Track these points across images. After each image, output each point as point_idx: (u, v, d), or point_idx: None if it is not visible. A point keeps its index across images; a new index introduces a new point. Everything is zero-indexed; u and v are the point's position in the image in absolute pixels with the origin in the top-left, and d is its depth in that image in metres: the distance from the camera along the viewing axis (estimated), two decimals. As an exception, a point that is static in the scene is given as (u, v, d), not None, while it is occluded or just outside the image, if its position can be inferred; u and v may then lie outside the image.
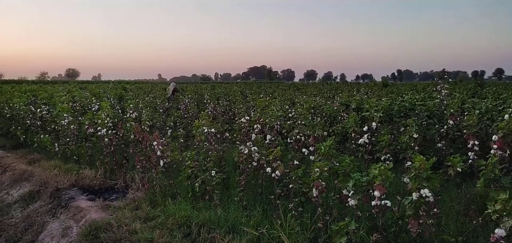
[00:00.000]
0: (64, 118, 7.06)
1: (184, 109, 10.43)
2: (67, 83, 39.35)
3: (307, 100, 8.57)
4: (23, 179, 6.40)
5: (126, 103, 9.79)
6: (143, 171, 5.41)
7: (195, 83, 69.21)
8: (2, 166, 7.37)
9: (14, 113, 9.26)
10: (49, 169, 6.32)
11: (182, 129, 7.48)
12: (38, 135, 7.95)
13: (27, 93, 11.61)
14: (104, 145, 6.18)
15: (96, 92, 13.05)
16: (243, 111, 8.36)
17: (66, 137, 7.07)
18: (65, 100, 9.72)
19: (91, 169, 6.22)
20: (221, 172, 4.82)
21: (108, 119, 6.66)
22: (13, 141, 9.13)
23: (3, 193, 6.26)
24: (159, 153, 5.09)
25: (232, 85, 32.71)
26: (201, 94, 15.88)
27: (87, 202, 4.91)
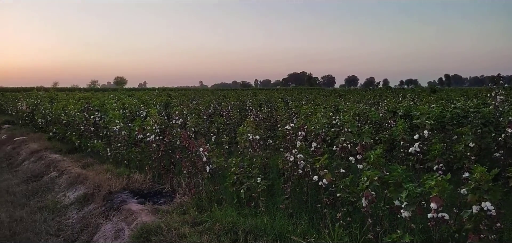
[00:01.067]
0: (116, 124, 7.41)
1: (226, 115, 10.61)
2: (116, 91, 41.35)
3: (351, 107, 8.39)
4: (78, 182, 6.78)
5: (171, 110, 10.11)
6: (189, 176, 5.54)
7: (235, 89, 70.23)
8: (59, 169, 7.86)
9: (70, 119, 9.86)
10: (102, 173, 6.64)
11: (225, 136, 7.61)
12: (91, 140, 8.40)
13: (80, 101, 12.34)
14: (152, 150, 6.42)
15: (144, 99, 13.60)
16: (286, 118, 8.34)
17: (117, 143, 7.42)
18: (115, 107, 10.21)
19: (140, 174, 6.45)
20: (266, 179, 4.83)
21: (156, 125, 6.92)
22: (69, 145, 9.70)
23: (60, 195, 6.67)
24: (205, 159, 5.20)
25: (272, 92, 32.83)
26: (242, 101, 16.08)
27: (137, 205, 5.10)
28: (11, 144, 11.53)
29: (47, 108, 12.41)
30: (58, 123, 10.79)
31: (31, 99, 16.31)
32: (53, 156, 8.85)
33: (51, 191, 6.94)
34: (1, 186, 7.45)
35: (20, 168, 9.06)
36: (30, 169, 8.62)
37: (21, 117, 15.00)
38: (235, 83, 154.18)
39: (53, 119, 11.45)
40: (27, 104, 14.97)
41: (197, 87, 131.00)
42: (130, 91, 41.79)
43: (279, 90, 42.99)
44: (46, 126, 12.00)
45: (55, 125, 10.88)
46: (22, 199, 6.67)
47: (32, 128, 13.05)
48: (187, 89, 70.10)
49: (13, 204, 6.35)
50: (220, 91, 44.57)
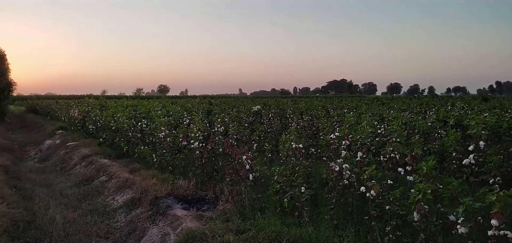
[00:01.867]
0: (161, 131, 7.64)
1: (267, 123, 10.63)
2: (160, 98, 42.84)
3: (397, 116, 8.09)
4: (126, 186, 7.05)
5: (214, 117, 10.28)
6: (232, 183, 5.58)
7: (274, 97, 70.34)
8: (108, 174, 8.22)
9: (119, 126, 10.32)
10: (148, 178, 6.86)
11: (267, 144, 7.61)
12: (138, 146, 8.73)
13: (128, 108, 12.89)
14: (195, 157, 6.56)
15: (187, 107, 13.96)
16: (328, 127, 8.20)
17: (163, 149, 7.65)
18: (160, 114, 10.55)
19: (184, 180, 6.59)
20: (310, 188, 4.75)
21: (199, 132, 7.07)
22: (117, 151, 10.13)
23: (109, 198, 6.97)
24: (248, 167, 5.22)
25: (312, 100, 32.51)
26: (282, 109, 16.05)
27: (182, 211, 5.21)
28: (64, 149, 12.24)
29: (97, 115, 13.08)
30: (107, 129, 11.33)
31: (83, 106, 17.29)
32: (102, 161, 9.28)
33: (101, 195, 7.26)
34: (56, 189, 7.91)
35: (73, 171, 9.58)
36: (82, 173, 9.09)
37: (73, 124, 15.90)
38: (274, 91, 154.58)
39: (103, 125, 12.05)
40: (79, 111, 15.86)
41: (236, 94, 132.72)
42: (172, 99, 43.18)
43: (319, 98, 42.50)
44: (96, 132, 12.64)
45: (105, 132, 11.43)
46: (74, 201, 7.05)
47: (84, 134, 13.79)
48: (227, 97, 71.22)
49: (66, 206, 6.72)
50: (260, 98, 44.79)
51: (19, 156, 12.49)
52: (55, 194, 7.46)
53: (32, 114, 33.42)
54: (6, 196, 6.23)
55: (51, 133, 16.53)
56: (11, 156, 11.18)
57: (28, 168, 10.41)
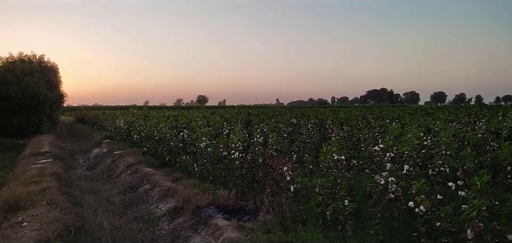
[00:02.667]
0: (202, 141, 7.80)
1: (306, 134, 10.53)
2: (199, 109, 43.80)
3: (446, 127, 7.73)
4: (169, 195, 7.24)
5: (253, 128, 10.35)
6: (272, 194, 5.56)
7: (312, 107, 69.66)
8: (152, 182, 8.49)
9: (161, 136, 10.66)
10: (190, 188, 7.00)
11: (307, 154, 7.54)
12: (180, 156, 8.95)
13: (170, 119, 13.28)
14: (235, 167, 6.62)
15: (226, 117, 14.15)
16: (370, 138, 8.00)
17: (203, 159, 7.79)
18: (201, 124, 10.78)
19: (224, 190, 6.66)
20: (353, 202, 4.64)
21: (239, 143, 7.14)
22: (160, 160, 10.45)
23: (153, 206, 7.18)
24: (288, 178, 5.19)
25: (351, 109, 31.85)
26: (321, 119, 15.84)
27: (223, 221, 5.26)
28: (111, 157, 12.81)
29: (141, 125, 13.60)
30: (151, 139, 11.73)
31: (128, 117, 18.04)
32: (146, 170, 9.60)
33: (145, 202, 7.51)
34: (103, 196, 8.28)
35: (119, 179, 9.99)
36: (127, 181, 9.45)
37: (119, 133, 16.62)
38: (311, 101, 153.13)
39: (146, 135, 12.49)
40: (124, 122, 16.56)
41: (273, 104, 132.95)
42: (211, 109, 44.00)
43: (359, 108, 41.53)
44: (140, 142, 13.12)
45: (148, 141, 11.84)
46: (120, 208, 7.33)
47: (128, 143, 14.36)
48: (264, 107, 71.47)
49: (113, 213, 6.99)
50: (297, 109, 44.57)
51: (69, 164, 13.21)
52: (102, 201, 7.80)
53: (81, 124, 35.37)
54: (59, 202, 6.59)
55: (99, 142, 17.36)
56: (62, 164, 11.85)
57: (77, 175, 10.98)
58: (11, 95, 21.76)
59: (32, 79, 22.69)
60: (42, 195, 6.88)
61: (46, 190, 7.27)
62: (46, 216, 5.67)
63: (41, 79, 23.53)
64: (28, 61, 24.30)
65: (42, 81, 23.52)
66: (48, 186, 7.59)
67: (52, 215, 5.68)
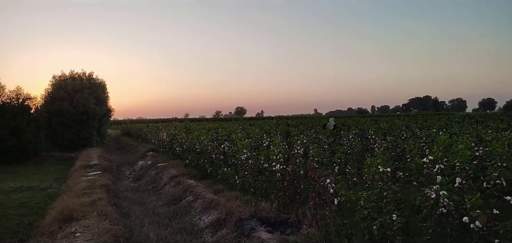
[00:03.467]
0: (243, 154, 7.87)
1: (348, 144, 10.32)
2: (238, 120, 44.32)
3: (498, 136, 7.26)
4: (211, 207, 7.34)
5: (293, 139, 10.30)
6: (315, 207, 5.48)
7: (351, 116, 68.22)
8: (194, 194, 8.66)
9: (203, 148, 10.88)
10: (232, 200, 7.07)
11: (349, 166, 7.36)
12: (221, 168, 9.08)
13: (210, 131, 13.55)
14: (276, 179, 6.60)
15: (266, 129, 14.21)
16: (416, 149, 7.69)
17: (244, 171, 7.85)
18: (241, 136, 10.90)
19: (266, 202, 6.65)
20: (401, 216, 4.46)
21: (280, 155, 7.13)
22: (202, 172, 10.66)
23: (196, 218, 7.32)
24: (332, 191, 5.10)
25: (393, 118, 30.84)
26: (362, 129, 15.47)
27: (266, 234, 5.25)
28: (155, 169, 13.25)
29: (183, 138, 13.97)
30: (192, 151, 12.01)
31: (170, 129, 18.62)
32: (189, 182, 9.83)
33: (188, 214, 7.66)
34: (149, 207, 8.55)
35: (163, 191, 10.30)
36: (171, 192, 9.72)
37: (162, 146, 17.18)
38: (350, 110, 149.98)
39: (188, 147, 12.82)
40: (167, 134, 17.11)
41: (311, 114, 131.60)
42: (249, 121, 44.36)
43: (401, 117, 40.10)
44: (182, 154, 13.48)
45: (190, 153, 12.13)
46: (165, 219, 7.54)
47: (171, 155, 14.80)
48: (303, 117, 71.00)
49: (159, 224, 7.20)
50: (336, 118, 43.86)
51: (117, 176, 13.83)
52: (148, 212, 8.06)
53: (127, 137, 36.93)
54: (108, 213, 6.90)
55: (143, 154, 18.03)
56: (111, 176, 12.41)
57: (124, 187, 11.45)
58: (64, 111, 23.25)
59: (82, 95, 24.12)
60: (92, 207, 7.24)
61: (96, 201, 7.63)
62: (97, 227, 5.95)
63: (90, 95, 24.95)
64: (78, 79, 25.89)
65: (91, 97, 24.93)
66: (98, 198, 7.97)
67: (102, 226, 5.95)
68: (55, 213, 6.64)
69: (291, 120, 37.09)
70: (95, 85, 26.76)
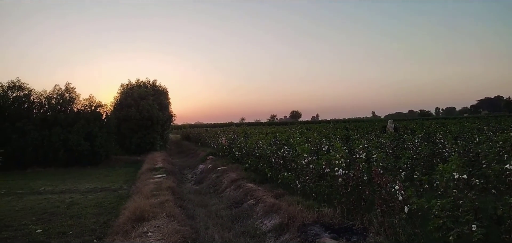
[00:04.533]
0: (304, 158, 7.82)
1: (413, 149, 9.81)
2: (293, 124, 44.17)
3: None
4: (273, 211, 7.39)
5: (354, 144, 10.03)
6: (382, 215, 5.29)
7: (413, 119, 64.79)
8: (255, 198, 8.78)
9: (262, 152, 11.00)
10: (293, 204, 7.05)
11: (417, 172, 7.00)
12: (281, 172, 9.11)
13: (268, 135, 13.65)
14: (339, 184, 6.47)
15: (325, 133, 14.02)
16: (492, 154, 7.10)
17: (305, 175, 7.80)
18: (300, 141, 10.85)
19: (329, 207, 6.55)
20: (481, 226, 4.15)
21: (342, 159, 6.99)
22: (261, 176, 10.78)
23: (258, 222, 7.41)
24: (400, 198, 4.89)
25: (461, 121, 28.79)
26: (428, 132, 14.63)
27: (331, 240, 5.17)
28: (215, 173, 13.66)
29: (242, 142, 14.23)
30: (251, 155, 12.20)
31: (229, 134, 19.08)
32: (249, 185, 9.99)
33: (250, 218, 7.78)
34: (212, 210, 8.83)
35: (224, 194, 10.57)
36: (232, 196, 9.95)
37: (221, 150, 17.66)
38: (411, 112, 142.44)
39: (247, 152, 13.04)
40: (226, 139, 17.55)
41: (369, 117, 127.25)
42: (305, 124, 43.99)
43: (470, 119, 37.26)
44: (241, 158, 13.73)
45: (249, 158, 12.32)
46: (228, 222, 7.73)
47: (230, 159, 15.15)
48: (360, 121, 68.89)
49: (222, 226, 7.40)
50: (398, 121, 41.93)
51: (179, 179, 14.46)
52: (211, 214, 8.32)
53: (186, 141, 38.54)
54: (176, 215, 7.23)
55: (203, 158, 18.67)
56: (174, 179, 13.02)
57: (187, 189, 11.95)
58: (131, 117, 24.87)
59: (147, 102, 25.62)
60: (161, 208, 7.63)
61: (164, 203, 8.04)
62: (166, 227, 6.26)
63: (154, 101, 26.41)
64: (143, 86, 27.55)
65: (155, 103, 26.38)
66: (165, 200, 8.39)
67: (171, 227, 6.25)
68: (128, 213, 7.10)
69: (349, 123, 36.13)
70: (159, 92, 28.27)
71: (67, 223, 7.76)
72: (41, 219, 8.21)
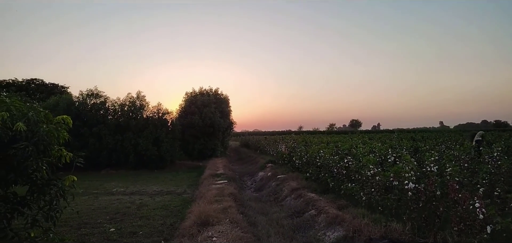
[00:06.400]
0: (370, 169, 7.53)
1: (492, 164, 8.97)
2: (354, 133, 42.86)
3: None
4: (336, 223, 7.18)
5: (424, 155, 9.46)
6: (459, 233, 4.90)
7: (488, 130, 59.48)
8: (317, 208, 8.61)
9: (324, 162, 10.80)
10: (358, 217, 6.80)
11: (498, 189, 6.40)
12: (344, 183, 8.85)
13: (330, 145, 13.37)
14: (408, 198, 6.11)
15: (390, 143, 13.41)
16: None
17: (371, 187, 7.49)
18: (364, 151, 10.48)
19: (398, 223, 6.22)
20: None
21: (412, 172, 6.61)
22: (322, 186, 10.56)
23: (320, 233, 7.24)
24: (481, 217, 4.49)
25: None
26: (507, 145, 13.34)
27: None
28: (275, 181, 13.66)
29: (303, 151, 14.10)
30: (312, 165, 12.02)
31: (289, 142, 19.02)
32: (310, 195, 9.83)
33: (312, 228, 7.64)
34: (272, 218, 8.82)
35: (284, 203, 10.52)
36: (292, 205, 9.86)
37: (280, 158, 17.64)
38: (485, 123, 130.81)
39: (308, 161, 12.88)
40: (286, 147, 17.51)
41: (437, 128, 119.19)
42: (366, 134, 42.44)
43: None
44: (301, 167, 13.59)
45: (310, 167, 12.16)
46: (289, 231, 7.65)
47: (290, 168, 15.06)
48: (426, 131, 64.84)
49: (284, 235, 7.35)
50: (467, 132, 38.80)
51: (240, 185, 14.69)
52: (272, 223, 8.31)
53: (245, 149, 39.15)
54: (239, 221, 7.34)
55: (262, 166, 18.80)
56: (235, 185, 13.25)
57: (247, 196, 12.08)
58: (194, 124, 25.90)
59: (209, 109, 26.53)
60: (224, 214, 7.80)
61: (227, 209, 8.21)
62: (230, 233, 6.37)
63: (216, 109, 27.26)
64: (206, 94, 28.58)
65: (216, 111, 27.22)
66: (228, 205, 8.56)
67: (235, 233, 6.35)
68: (193, 217, 7.35)
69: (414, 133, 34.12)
70: (220, 100, 29.13)
71: (137, 224, 8.21)
72: (114, 218, 8.79)
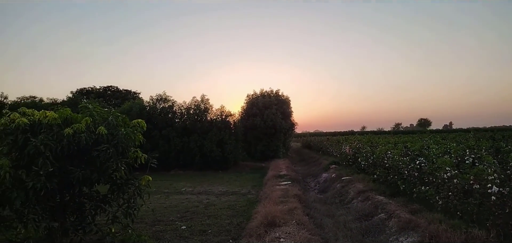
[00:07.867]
0: (446, 172, 7.03)
1: None
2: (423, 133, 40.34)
3: None
4: (409, 228, 6.80)
5: (508, 156, 8.59)
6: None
7: None
8: (386, 212, 8.24)
9: (393, 163, 10.31)
10: (434, 222, 6.38)
11: None
12: (416, 186, 8.36)
13: (398, 145, 12.73)
14: (492, 204, 5.60)
15: (467, 144, 12.39)
16: None
17: (447, 191, 6.99)
18: (437, 152, 9.80)
19: (480, 229, 5.73)
20: None
21: (495, 175, 6.06)
22: (391, 189, 10.08)
23: (392, 238, 6.92)
24: None
25: None
26: None
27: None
28: (339, 182, 13.34)
29: (368, 151, 13.59)
30: (379, 166, 11.54)
31: (353, 143, 18.48)
32: (378, 198, 9.44)
33: (382, 233, 7.33)
34: (339, 220, 8.62)
35: (350, 205, 10.23)
36: (359, 208, 9.54)
37: (344, 159, 17.20)
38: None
39: (374, 162, 12.38)
40: (350, 148, 17.03)
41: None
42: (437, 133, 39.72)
43: None
44: (367, 168, 13.11)
45: (377, 168, 11.68)
46: (358, 235, 7.43)
47: (355, 169, 14.62)
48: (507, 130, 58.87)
49: (352, 239, 7.16)
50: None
51: (303, 187, 14.59)
52: (339, 225, 8.12)
53: (307, 150, 38.81)
54: (305, 223, 7.29)
55: (326, 167, 18.48)
56: (299, 186, 13.19)
57: (312, 198, 11.95)
58: (256, 125, 26.30)
59: (271, 111, 26.76)
60: (291, 215, 7.79)
61: (293, 210, 8.19)
62: (297, 235, 6.36)
63: (277, 110, 27.42)
64: (267, 96, 28.86)
65: (278, 112, 27.37)
66: (294, 207, 8.54)
67: (302, 235, 6.32)
68: (260, 217, 7.45)
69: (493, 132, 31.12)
70: (281, 101, 29.23)
71: (205, 222, 8.54)
72: (184, 216, 9.23)
